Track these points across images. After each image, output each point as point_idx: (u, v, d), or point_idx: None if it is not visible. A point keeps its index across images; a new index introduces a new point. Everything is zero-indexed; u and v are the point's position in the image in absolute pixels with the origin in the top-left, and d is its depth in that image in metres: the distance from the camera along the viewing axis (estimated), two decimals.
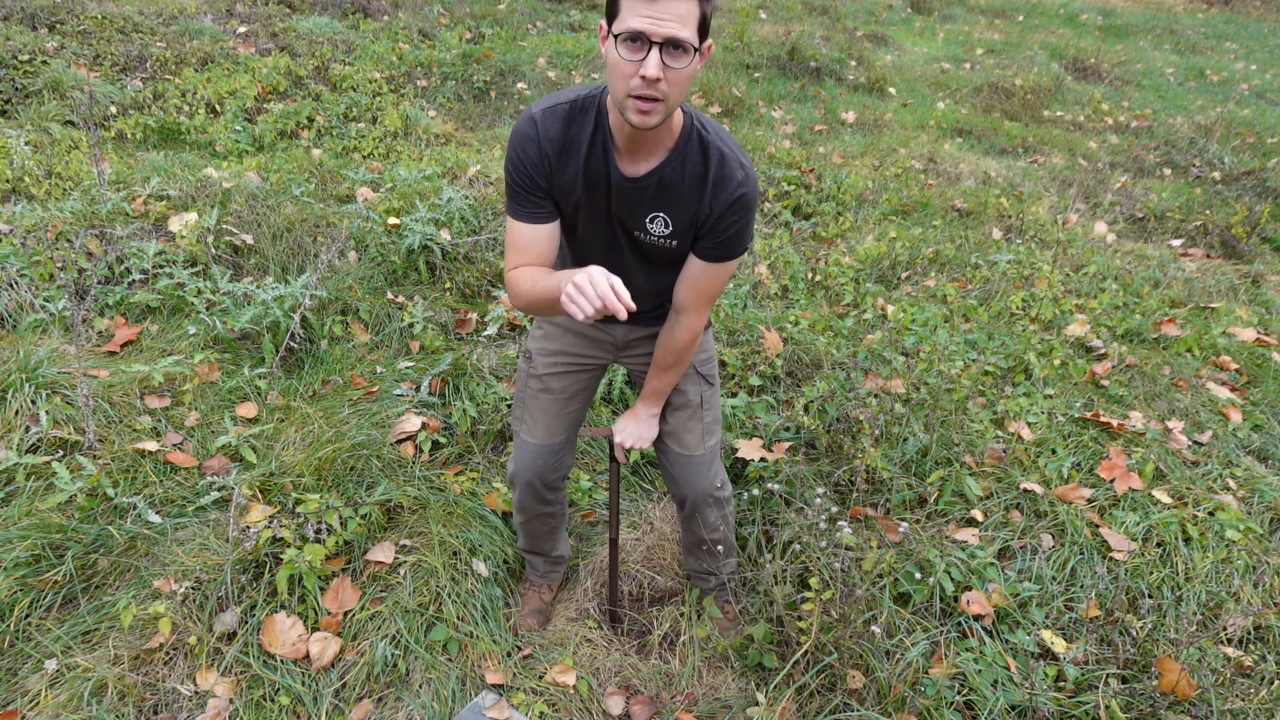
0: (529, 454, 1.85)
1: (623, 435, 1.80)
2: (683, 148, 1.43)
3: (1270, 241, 4.65)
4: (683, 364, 1.72)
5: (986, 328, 3.35)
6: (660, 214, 1.49)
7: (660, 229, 1.51)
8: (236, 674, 1.86)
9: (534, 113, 1.44)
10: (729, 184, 1.43)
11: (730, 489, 1.96)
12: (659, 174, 1.44)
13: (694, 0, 1.24)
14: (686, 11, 1.23)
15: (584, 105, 1.43)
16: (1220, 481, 2.57)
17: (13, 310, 2.91)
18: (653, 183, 1.45)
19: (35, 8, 5.99)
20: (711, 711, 1.92)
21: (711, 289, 1.58)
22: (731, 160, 1.43)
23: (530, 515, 1.98)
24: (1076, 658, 1.93)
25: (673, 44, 1.24)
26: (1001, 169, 5.58)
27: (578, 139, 1.44)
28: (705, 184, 1.44)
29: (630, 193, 1.47)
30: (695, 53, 1.27)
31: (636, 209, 1.49)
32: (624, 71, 1.27)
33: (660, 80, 1.25)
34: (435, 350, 3.08)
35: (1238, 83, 8.41)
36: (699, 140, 1.43)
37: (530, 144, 1.43)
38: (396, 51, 6.45)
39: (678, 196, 1.46)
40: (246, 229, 3.49)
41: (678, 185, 1.45)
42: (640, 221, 1.51)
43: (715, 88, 6.41)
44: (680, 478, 1.86)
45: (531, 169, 1.45)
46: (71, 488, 2.16)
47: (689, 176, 1.45)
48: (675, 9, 1.22)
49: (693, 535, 2.00)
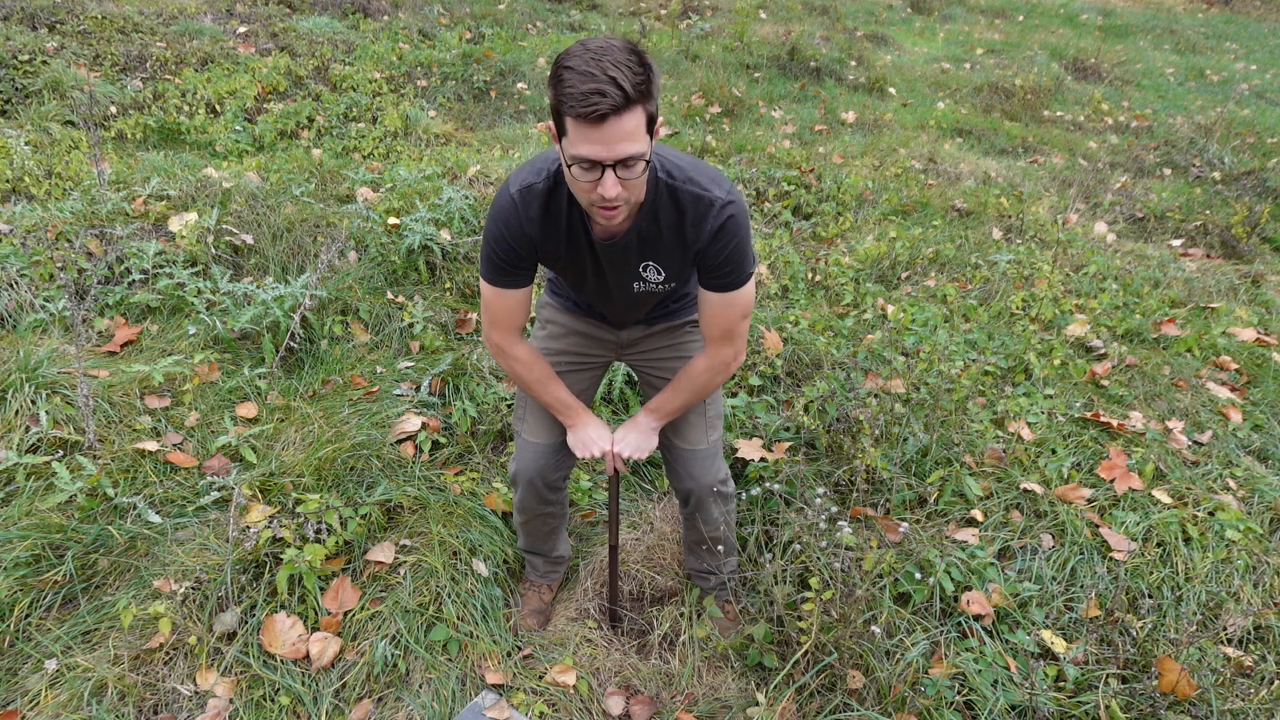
0: (531, 454, 1.85)
1: (621, 445, 1.78)
2: (652, 202, 1.43)
3: (1270, 241, 4.65)
4: (698, 394, 1.71)
5: (986, 328, 3.35)
6: (650, 262, 1.52)
7: (654, 275, 1.54)
8: (236, 674, 1.86)
9: (513, 192, 1.45)
10: (709, 217, 1.43)
11: (733, 484, 1.97)
12: (634, 232, 1.46)
13: (638, 110, 1.23)
14: (634, 127, 1.23)
15: (557, 178, 1.45)
16: (1220, 481, 2.57)
17: (13, 310, 2.91)
18: (632, 239, 1.47)
19: (35, 8, 5.99)
20: (711, 711, 1.92)
21: (725, 322, 1.58)
22: (705, 197, 1.43)
23: (531, 515, 1.98)
24: (1076, 658, 1.93)
25: (625, 163, 1.25)
26: (1001, 169, 5.58)
27: (556, 216, 1.47)
28: (684, 227, 1.45)
29: (613, 254, 1.49)
30: (649, 148, 1.28)
31: (625, 265, 1.52)
32: (582, 188, 1.30)
33: (619, 193, 1.28)
34: (435, 350, 3.08)
35: (1238, 83, 8.41)
36: (667, 191, 1.43)
37: (514, 224, 1.46)
38: (396, 51, 6.45)
39: (661, 245, 1.49)
40: (246, 229, 3.49)
41: (656, 237, 1.47)
42: (634, 272, 1.54)
43: (715, 88, 6.41)
44: (684, 472, 1.87)
45: (516, 246, 1.48)
46: (71, 488, 2.16)
47: (666, 226, 1.46)
48: (623, 128, 1.22)
49: (694, 532, 2.00)
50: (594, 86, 1.17)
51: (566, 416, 1.77)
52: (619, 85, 1.18)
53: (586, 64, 1.18)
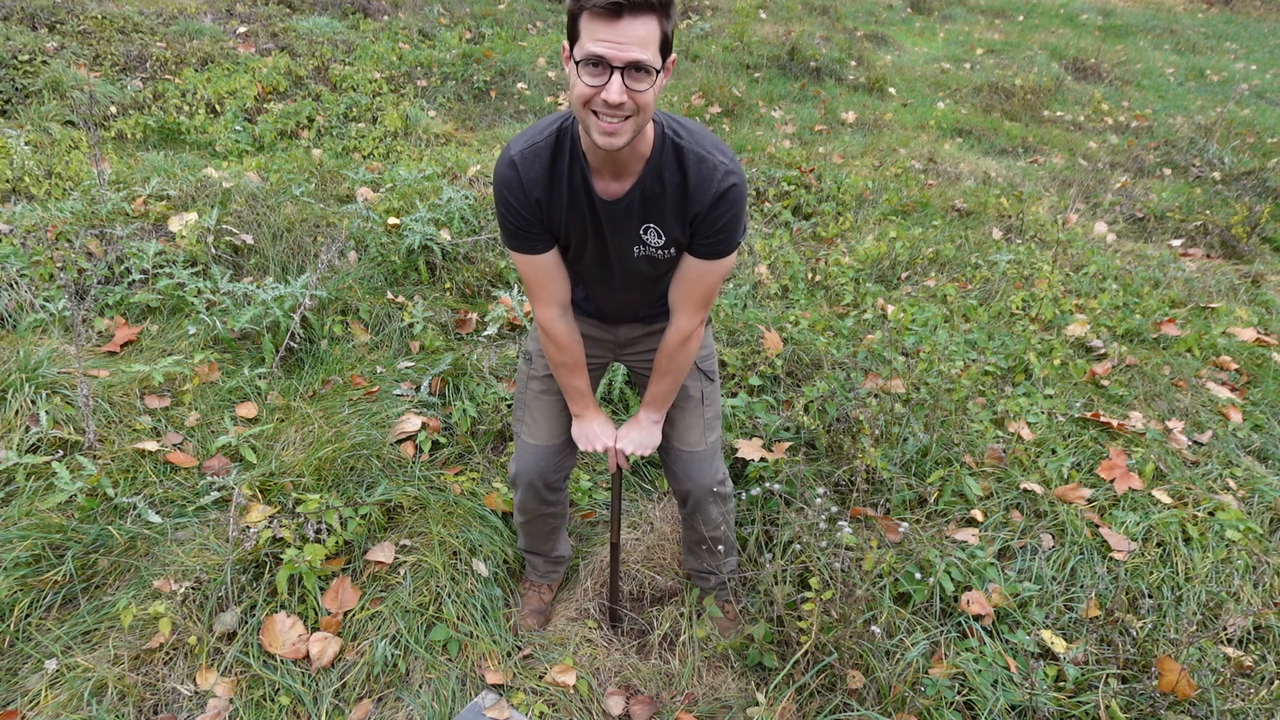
0: (530, 455, 1.85)
1: (625, 442, 1.79)
2: (658, 159, 1.42)
3: (1270, 241, 4.65)
4: (679, 370, 1.71)
5: (986, 328, 3.35)
6: (651, 224, 1.50)
7: (655, 239, 1.52)
8: (236, 674, 1.86)
9: (512, 155, 1.44)
10: (711, 182, 1.42)
11: (731, 485, 1.97)
12: (639, 189, 1.44)
13: (654, 20, 1.22)
14: (647, 34, 1.22)
15: (559, 136, 1.43)
16: (1220, 481, 2.57)
17: (13, 310, 2.91)
18: (635, 199, 1.45)
19: (35, 8, 5.99)
20: (711, 711, 1.92)
21: (703, 289, 1.58)
22: (710, 160, 1.42)
23: (531, 516, 1.98)
24: (1076, 658, 1.93)
25: (634, 67, 1.23)
26: (1001, 169, 5.58)
27: (559, 175, 1.45)
28: (687, 189, 1.44)
29: (615, 213, 1.47)
30: (658, 73, 1.27)
31: (626, 227, 1.50)
32: (586, 95, 1.27)
33: (624, 103, 1.25)
34: (435, 350, 3.08)
35: (1238, 83, 8.41)
36: (673, 149, 1.42)
37: (516, 189, 1.45)
38: (396, 51, 6.45)
39: (663, 206, 1.47)
40: (246, 229, 3.49)
41: (660, 197, 1.46)
42: (635, 235, 1.51)
43: (715, 88, 6.41)
44: (682, 473, 1.87)
45: (523, 210, 1.47)
46: (71, 488, 2.16)
47: (669, 186, 1.44)
48: (635, 32, 1.21)
49: (694, 533, 2.00)
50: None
51: (576, 405, 1.78)
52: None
53: None
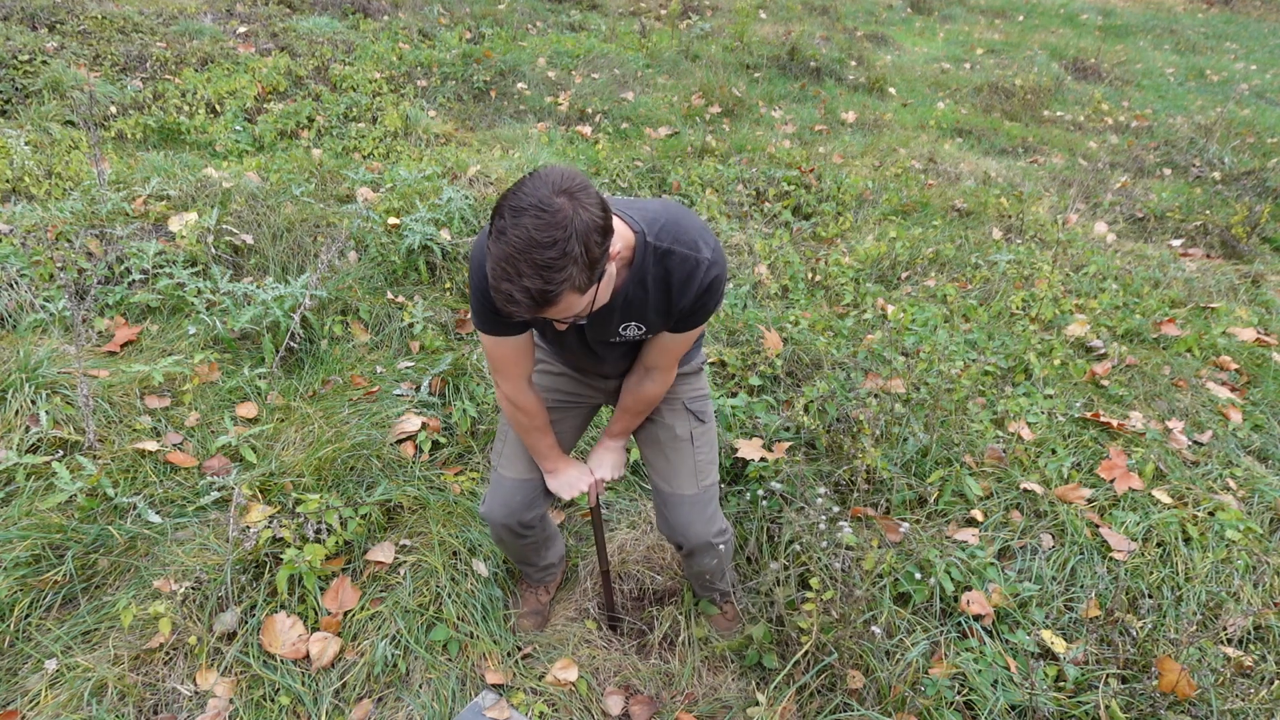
0: (505, 490, 1.80)
1: (601, 470, 1.82)
2: (640, 266, 1.41)
3: (1270, 241, 4.65)
4: (647, 411, 1.76)
5: (986, 328, 3.35)
6: (632, 323, 1.51)
7: (634, 332, 1.54)
8: (236, 674, 1.86)
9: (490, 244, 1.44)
10: (695, 279, 1.42)
11: (732, 533, 1.88)
12: (621, 296, 1.44)
13: (563, 296, 1.18)
14: (563, 304, 1.20)
15: None
16: (1220, 481, 2.57)
17: (13, 310, 2.91)
18: (617, 304, 1.46)
19: (35, 8, 5.99)
20: (711, 711, 1.92)
21: (678, 351, 1.61)
22: (692, 259, 1.41)
23: (508, 547, 1.96)
24: (1076, 658, 1.93)
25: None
26: (1001, 169, 5.58)
27: None
28: (670, 289, 1.44)
29: (597, 317, 1.48)
30: (596, 284, 1.23)
31: (607, 326, 1.52)
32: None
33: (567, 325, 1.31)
34: (435, 350, 3.08)
35: (1238, 83, 8.41)
36: (654, 254, 1.41)
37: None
38: (396, 51, 6.45)
39: (645, 307, 1.48)
40: (246, 229, 3.49)
41: (643, 300, 1.46)
42: (614, 331, 1.53)
43: (715, 88, 6.41)
44: (675, 523, 1.78)
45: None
46: (71, 488, 2.16)
47: (653, 289, 1.45)
48: (548, 309, 1.20)
49: (691, 570, 1.98)
50: (508, 292, 1.16)
51: (549, 462, 1.78)
52: (531, 296, 1.15)
53: (503, 269, 1.15)
